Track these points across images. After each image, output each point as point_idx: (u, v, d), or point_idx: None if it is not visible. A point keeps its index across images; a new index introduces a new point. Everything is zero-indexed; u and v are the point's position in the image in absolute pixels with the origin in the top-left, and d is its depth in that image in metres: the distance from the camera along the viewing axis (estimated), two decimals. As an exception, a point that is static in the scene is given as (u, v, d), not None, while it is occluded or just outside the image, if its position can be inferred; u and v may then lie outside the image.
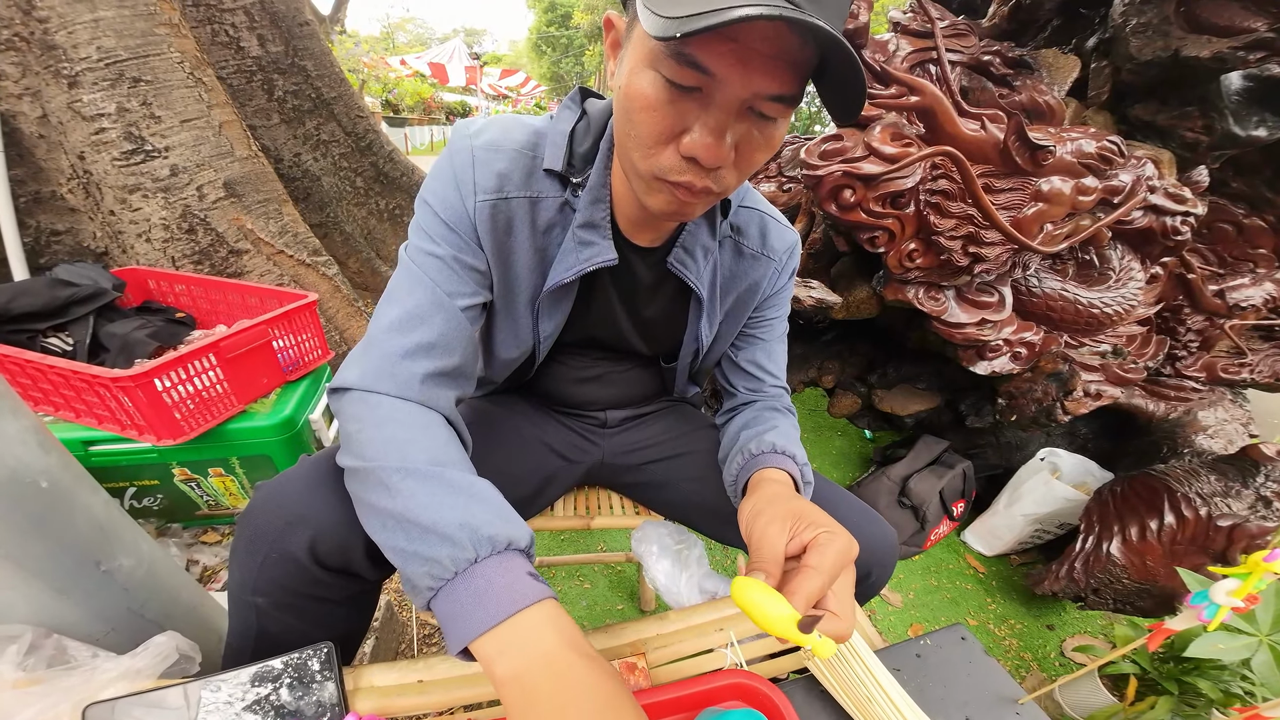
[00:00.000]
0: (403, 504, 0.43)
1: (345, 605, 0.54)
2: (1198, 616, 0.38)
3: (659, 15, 0.36)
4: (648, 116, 0.42)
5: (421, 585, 0.41)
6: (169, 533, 1.23)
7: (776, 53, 0.38)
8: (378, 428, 0.47)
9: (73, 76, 1.45)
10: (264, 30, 2.18)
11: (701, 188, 0.45)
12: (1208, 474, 1.39)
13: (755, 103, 0.41)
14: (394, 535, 0.43)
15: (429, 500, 0.42)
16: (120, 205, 1.56)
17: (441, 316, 0.53)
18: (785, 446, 0.60)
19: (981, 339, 1.26)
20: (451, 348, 0.53)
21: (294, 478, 0.51)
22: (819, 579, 0.40)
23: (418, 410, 0.50)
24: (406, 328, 0.51)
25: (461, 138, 0.55)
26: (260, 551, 0.48)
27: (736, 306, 0.70)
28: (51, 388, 1.00)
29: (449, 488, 0.44)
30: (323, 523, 0.48)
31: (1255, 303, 1.59)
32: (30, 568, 0.49)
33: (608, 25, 0.48)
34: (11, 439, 0.47)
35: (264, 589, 0.50)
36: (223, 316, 1.37)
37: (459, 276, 0.55)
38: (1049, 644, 1.47)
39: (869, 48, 1.15)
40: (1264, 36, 1.21)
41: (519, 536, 0.43)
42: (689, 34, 0.34)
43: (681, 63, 0.39)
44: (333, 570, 0.50)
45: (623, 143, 0.47)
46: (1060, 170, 1.14)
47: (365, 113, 2.65)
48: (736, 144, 0.43)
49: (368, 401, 0.49)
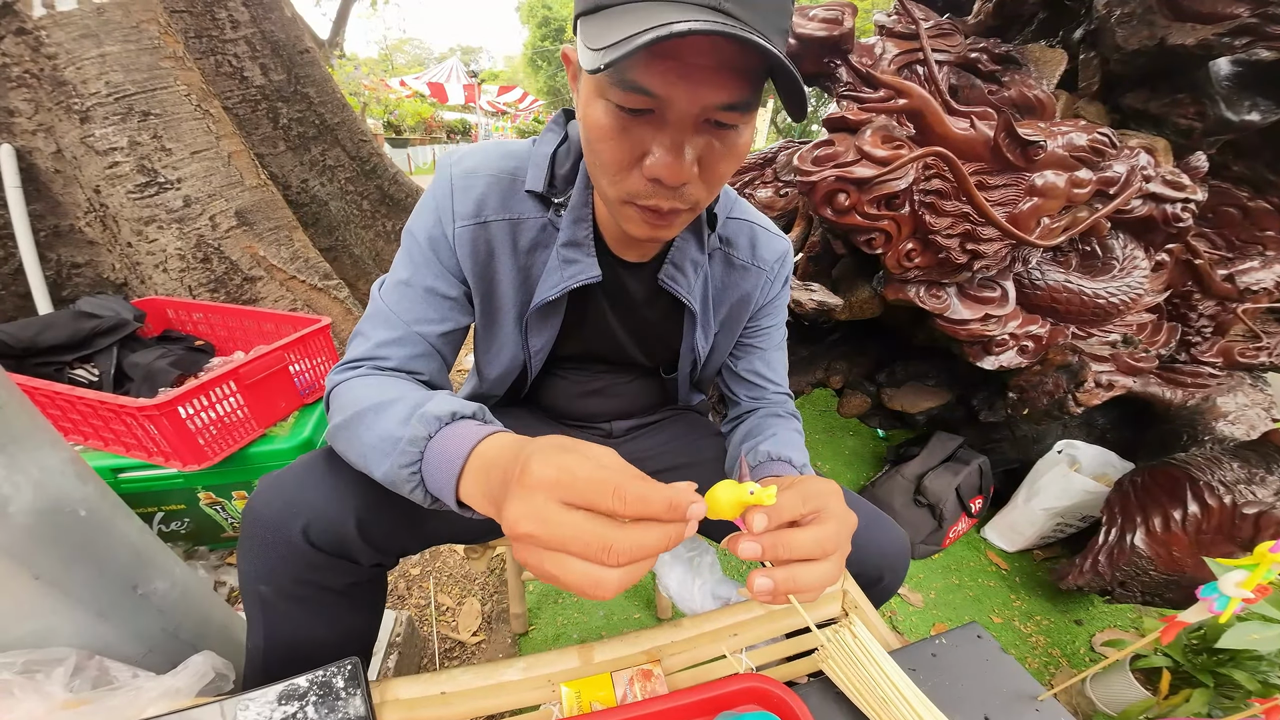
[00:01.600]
0: (366, 435, 0.48)
1: (346, 596, 0.57)
2: (1209, 609, 0.38)
3: (590, 49, 0.37)
4: (606, 145, 0.44)
5: (409, 485, 0.44)
6: (196, 555, 1.26)
7: (718, 63, 0.38)
8: (347, 393, 0.53)
9: (84, 112, 1.50)
10: (266, 59, 2.24)
11: (669, 209, 0.46)
12: (1230, 461, 1.37)
13: (709, 114, 0.41)
14: (380, 461, 0.46)
15: (389, 418, 0.47)
16: (137, 237, 1.61)
17: (406, 347, 0.58)
18: (780, 452, 0.60)
19: (987, 334, 1.26)
20: (416, 370, 0.58)
21: (290, 471, 0.56)
22: (798, 502, 0.41)
23: (385, 374, 0.56)
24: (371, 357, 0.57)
25: (443, 167, 0.58)
26: (260, 537, 0.52)
27: (730, 317, 0.71)
28: (80, 418, 1.04)
29: (401, 402, 0.48)
30: (315, 507, 0.52)
31: (1266, 285, 1.56)
32: (73, 593, 0.52)
33: (565, 60, 0.49)
34: (53, 471, 0.50)
35: (266, 575, 0.53)
36: (240, 343, 1.41)
37: (426, 304, 0.59)
38: (1078, 639, 1.45)
39: (855, 52, 1.16)
40: (1248, 22, 1.20)
41: (464, 408, 0.46)
42: (612, 63, 0.34)
43: (625, 88, 0.39)
44: (328, 553, 0.53)
45: (592, 172, 0.49)
46: (1053, 164, 1.13)
47: (368, 137, 2.71)
48: (699, 158, 0.44)
49: (341, 385, 0.55)
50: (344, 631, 0.58)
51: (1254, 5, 1.21)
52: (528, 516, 0.32)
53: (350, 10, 12.73)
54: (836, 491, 0.44)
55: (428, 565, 1.43)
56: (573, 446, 0.36)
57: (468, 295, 0.61)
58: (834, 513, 0.41)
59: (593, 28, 0.39)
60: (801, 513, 0.41)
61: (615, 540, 0.31)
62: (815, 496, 0.42)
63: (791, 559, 0.38)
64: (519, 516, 0.32)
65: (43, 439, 0.51)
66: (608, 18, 0.38)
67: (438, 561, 1.44)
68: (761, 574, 0.38)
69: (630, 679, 0.53)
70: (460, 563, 1.45)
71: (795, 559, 0.38)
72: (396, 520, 0.56)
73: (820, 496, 0.42)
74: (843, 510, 0.42)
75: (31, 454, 0.49)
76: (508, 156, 0.59)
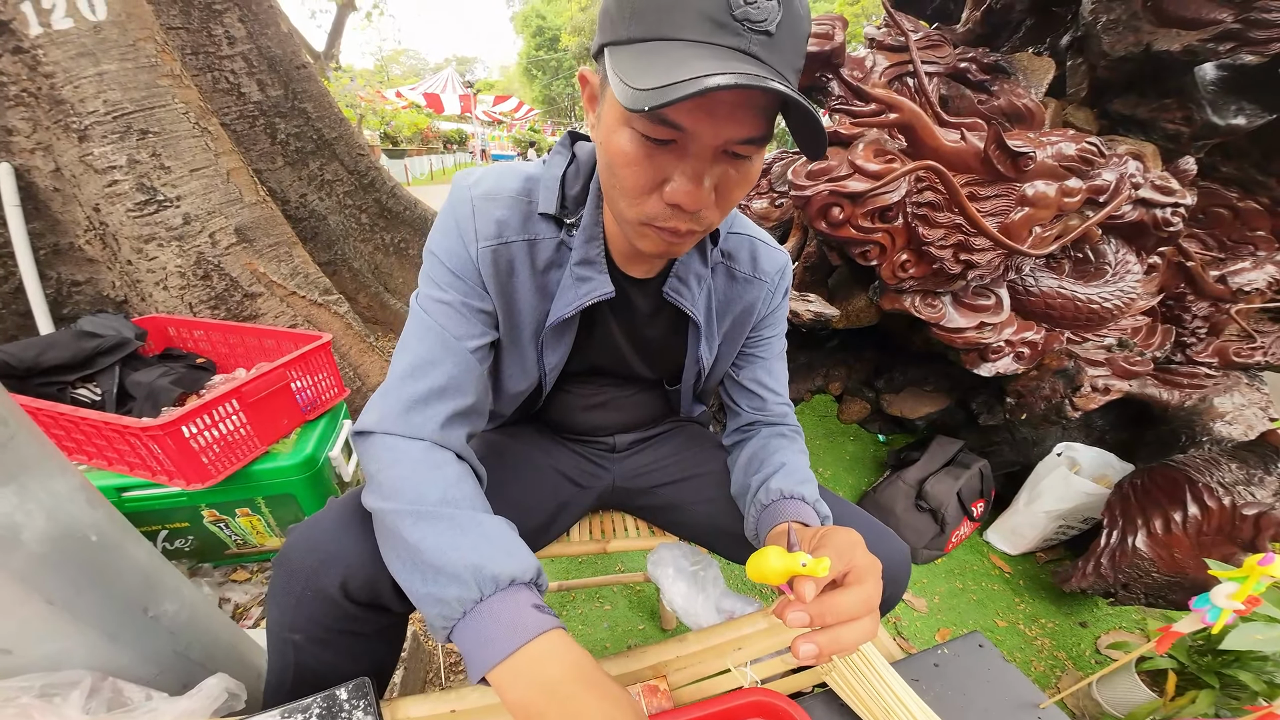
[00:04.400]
0: (416, 546, 0.46)
1: (376, 639, 0.57)
2: (1201, 620, 0.39)
3: (630, 86, 0.38)
4: (629, 171, 0.45)
5: (436, 625, 0.45)
6: (201, 572, 1.26)
7: (741, 102, 0.41)
8: (394, 467, 0.51)
9: (82, 130, 1.50)
10: (263, 75, 2.26)
11: (686, 230, 0.49)
12: (1228, 462, 1.38)
13: (728, 146, 0.43)
14: (411, 577, 0.47)
15: (438, 542, 0.46)
16: (137, 255, 1.61)
17: (451, 360, 0.57)
18: (793, 489, 0.62)
19: (982, 341, 1.27)
20: (463, 388, 0.57)
21: (324, 520, 0.55)
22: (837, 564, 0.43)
23: (431, 449, 0.53)
24: (419, 374, 0.56)
25: (461, 189, 0.59)
26: (295, 591, 0.52)
27: (733, 328, 0.72)
28: (84, 438, 1.04)
29: (457, 528, 0.47)
30: (352, 561, 0.52)
31: (1259, 285, 1.58)
32: (85, 617, 0.53)
33: (583, 80, 0.51)
34: (63, 498, 0.51)
35: (301, 626, 0.53)
36: (241, 360, 1.42)
37: (466, 320, 0.59)
38: (1083, 642, 1.44)
39: (847, 65, 1.18)
40: (1231, 27, 1.23)
41: (523, 571, 0.46)
42: (655, 108, 0.36)
43: (654, 121, 0.41)
44: (363, 605, 0.53)
45: (609, 194, 0.51)
46: (1043, 174, 1.15)
47: (366, 150, 2.73)
48: (715, 185, 0.46)
49: (385, 443, 0.53)
50: (369, 666, 0.58)
51: (1237, 10, 1.24)
52: None
53: (346, 22, 12.85)
54: (860, 542, 0.46)
55: (431, 579, 1.42)
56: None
57: (495, 310, 0.62)
58: (868, 570, 0.44)
59: (626, 62, 0.41)
60: (840, 571, 0.43)
61: None
62: (847, 551, 0.44)
63: (836, 621, 0.41)
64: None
65: (53, 467, 0.52)
66: (640, 54, 0.40)
67: (441, 575, 1.44)
68: (805, 639, 0.40)
69: (637, 695, 0.54)
70: (464, 576, 1.44)
71: (841, 622, 0.41)
72: None
73: (850, 550, 0.44)
74: (871, 562, 0.45)
75: (43, 482, 0.50)
76: (522, 179, 0.60)
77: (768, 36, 0.39)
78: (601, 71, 0.45)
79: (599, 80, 0.48)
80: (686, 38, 0.39)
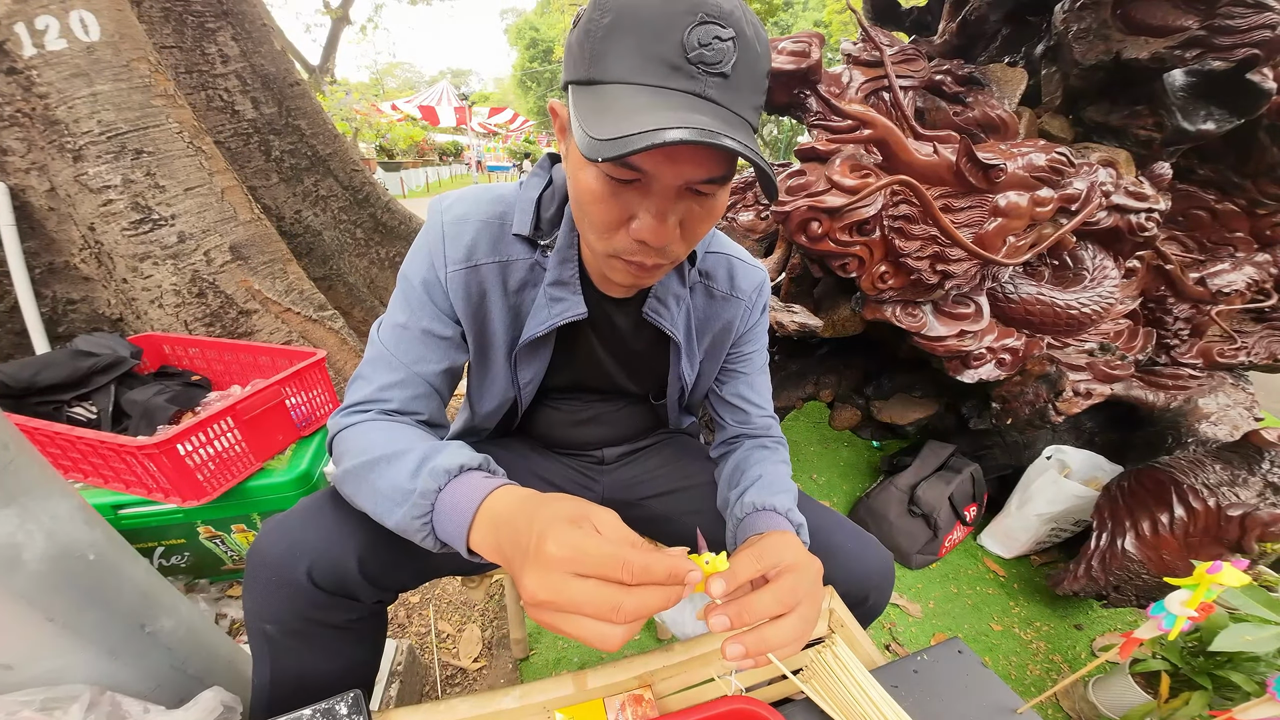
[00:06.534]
0: (379, 484, 0.50)
1: (349, 634, 0.59)
2: (1158, 626, 0.40)
3: (588, 134, 0.40)
4: (596, 208, 0.47)
5: (421, 534, 0.47)
6: (197, 589, 1.26)
7: (699, 148, 0.42)
8: (355, 439, 0.56)
9: (77, 150, 1.52)
10: (257, 93, 2.28)
11: (653, 264, 0.51)
12: (1213, 463, 1.39)
13: (690, 185, 0.45)
14: (388, 509, 0.49)
15: (399, 470, 0.50)
16: (132, 273, 1.62)
17: (408, 389, 0.60)
18: (765, 500, 0.63)
19: (963, 349, 1.29)
20: (416, 411, 0.61)
21: (294, 513, 0.58)
22: (752, 561, 0.44)
23: (379, 416, 0.59)
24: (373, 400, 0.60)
25: (434, 213, 0.62)
26: (264, 578, 0.54)
27: (714, 345, 0.74)
28: (80, 456, 1.05)
29: (410, 454, 0.51)
30: (318, 547, 0.54)
31: (1238, 287, 1.61)
32: (84, 634, 0.54)
33: (553, 113, 0.53)
34: (63, 519, 0.52)
35: (272, 615, 0.55)
36: (236, 377, 1.43)
37: (424, 345, 0.62)
38: (1079, 644, 1.45)
39: (824, 82, 1.21)
40: (1196, 34, 1.26)
41: (470, 459, 0.50)
42: (609, 159, 0.38)
43: (616, 163, 0.43)
44: (330, 593, 0.55)
45: (580, 225, 0.53)
46: (1014, 185, 1.18)
47: (360, 166, 2.75)
48: (681, 220, 0.48)
49: (344, 432, 0.58)
50: (347, 666, 0.60)
51: (1202, 18, 1.27)
52: (543, 588, 0.36)
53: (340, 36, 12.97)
54: (793, 542, 0.47)
55: (427, 593, 1.43)
56: (580, 518, 0.39)
57: (462, 335, 0.64)
58: (791, 564, 0.44)
59: (585, 105, 0.42)
60: (759, 570, 0.43)
61: (622, 602, 0.35)
62: (771, 551, 0.45)
63: (757, 620, 0.41)
64: (536, 587, 0.36)
65: (52, 488, 0.53)
66: (599, 98, 0.42)
67: (437, 589, 1.44)
68: (732, 640, 0.41)
69: (622, 704, 0.55)
70: (459, 590, 1.45)
71: (760, 619, 0.41)
72: (396, 558, 0.58)
73: (775, 551, 0.45)
74: (801, 558, 0.45)
75: (42, 503, 0.52)
76: (495, 202, 0.62)
77: (724, 78, 0.41)
78: (568, 106, 0.47)
79: (567, 114, 0.49)
80: (643, 81, 0.41)
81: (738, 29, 0.40)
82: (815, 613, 0.44)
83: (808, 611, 0.43)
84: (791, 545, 0.46)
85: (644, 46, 0.40)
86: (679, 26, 0.39)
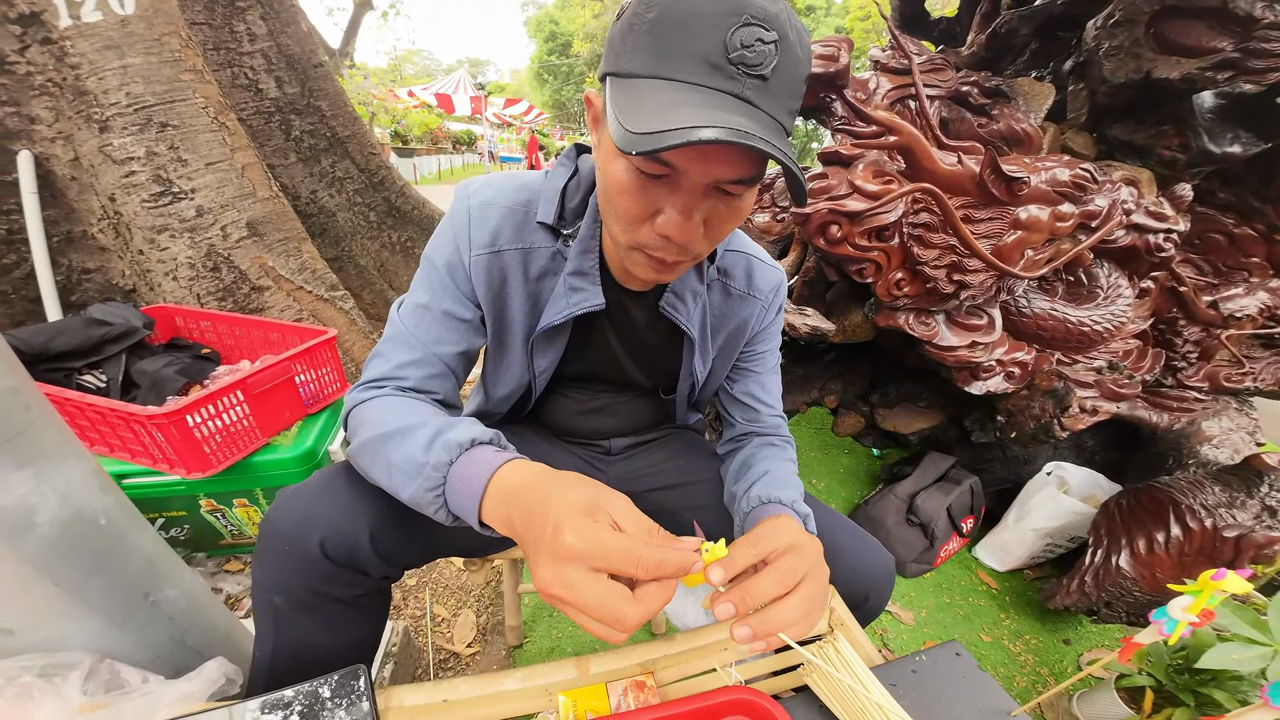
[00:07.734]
0: (393, 457, 0.51)
1: (354, 609, 0.60)
2: (1159, 632, 0.41)
3: (623, 127, 0.40)
4: (623, 199, 0.48)
5: (434, 506, 0.48)
6: (194, 562, 1.27)
7: (731, 147, 0.42)
8: (370, 413, 0.56)
9: (103, 121, 1.53)
10: (281, 72, 2.29)
11: (674, 260, 0.51)
12: (1212, 485, 1.40)
13: (719, 184, 0.45)
14: (402, 482, 0.50)
15: (413, 443, 0.50)
16: (149, 245, 1.64)
17: (424, 368, 0.61)
18: (771, 494, 0.63)
19: (974, 360, 1.29)
20: (432, 390, 0.61)
21: (308, 485, 0.59)
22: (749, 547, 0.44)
23: (394, 392, 0.59)
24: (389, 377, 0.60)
25: (461, 198, 0.62)
26: (277, 548, 0.55)
27: (728, 343, 0.74)
28: (88, 424, 1.06)
29: (424, 428, 0.51)
30: (332, 520, 0.55)
31: (1250, 312, 1.60)
32: (89, 600, 0.54)
33: (588, 102, 0.53)
34: (77, 483, 0.53)
35: (281, 586, 0.55)
36: (245, 352, 1.44)
37: (443, 326, 0.62)
38: (1066, 658, 1.46)
39: (851, 87, 1.21)
40: (1230, 56, 1.25)
41: (481, 433, 0.50)
42: (642, 153, 0.39)
43: (648, 157, 0.43)
44: (341, 565, 0.55)
45: (605, 216, 0.53)
46: (1036, 199, 1.18)
47: (377, 149, 2.76)
48: (706, 219, 0.48)
49: (360, 406, 0.58)
50: (349, 641, 0.60)
51: (1237, 40, 1.26)
52: (558, 582, 0.37)
53: (362, 21, 12.98)
54: (790, 525, 0.48)
55: (424, 576, 1.44)
56: (595, 508, 0.40)
57: (481, 319, 0.65)
58: (788, 545, 0.45)
59: (623, 98, 0.43)
60: (756, 555, 0.44)
61: (627, 615, 0.36)
62: (767, 536, 0.45)
63: (760, 603, 0.42)
64: (550, 580, 0.37)
65: (69, 452, 0.53)
66: (637, 92, 0.42)
67: (434, 573, 1.45)
68: (739, 623, 0.41)
69: (624, 689, 0.55)
70: (457, 574, 1.46)
71: (763, 601, 0.42)
72: (407, 533, 0.59)
73: (772, 535, 0.45)
74: (799, 539, 0.46)
75: (59, 466, 0.52)
76: (521, 189, 0.63)
77: (762, 81, 0.41)
78: (604, 97, 0.47)
79: (602, 104, 0.49)
80: (682, 79, 0.41)
81: (781, 32, 0.40)
82: (821, 591, 0.45)
83: (811, 590, 0.43)
84: (788, 527, 0.47)
85: (686, 44, 0.40)
86: (723, 27, 0.39)
